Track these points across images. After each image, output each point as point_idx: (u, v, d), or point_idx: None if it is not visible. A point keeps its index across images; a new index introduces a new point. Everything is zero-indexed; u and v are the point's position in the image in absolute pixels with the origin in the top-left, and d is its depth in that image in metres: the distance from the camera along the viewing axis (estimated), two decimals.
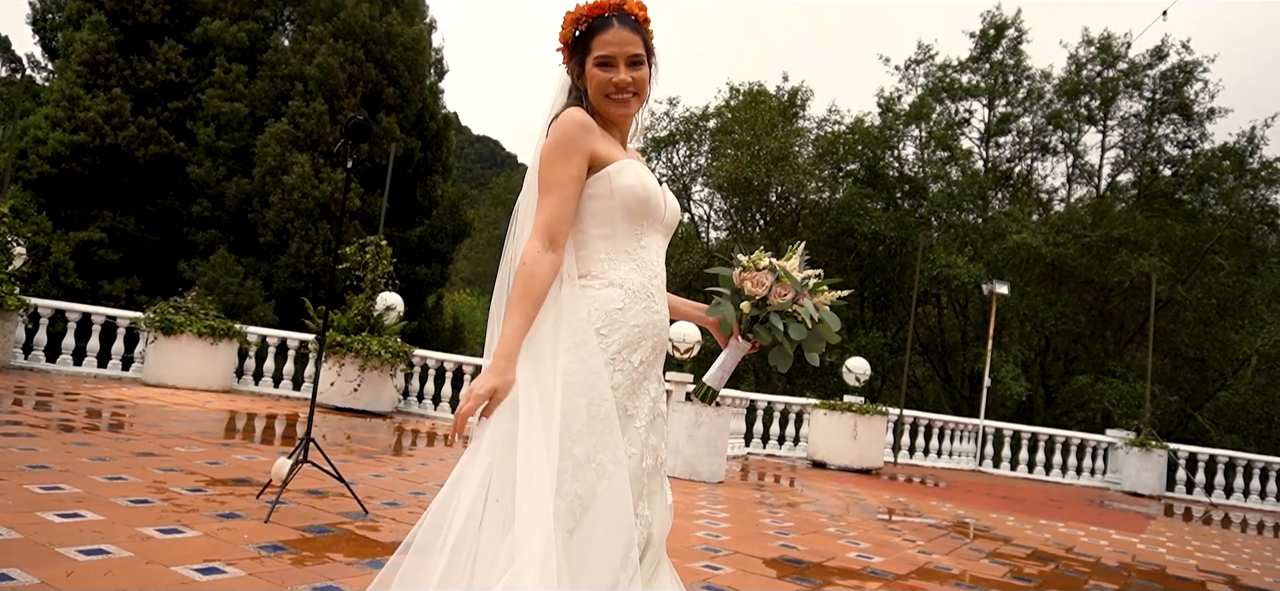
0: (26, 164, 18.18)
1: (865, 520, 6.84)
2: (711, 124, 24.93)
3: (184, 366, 10.71)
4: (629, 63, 1.88)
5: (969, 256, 20.22)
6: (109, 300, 17.55)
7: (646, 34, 1.95)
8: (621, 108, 1.91)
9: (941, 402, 22.82)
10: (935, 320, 24.04)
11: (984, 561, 5.49)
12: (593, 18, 1.91)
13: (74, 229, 18.18)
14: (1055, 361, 22.56)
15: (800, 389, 19.46)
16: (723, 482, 8.33)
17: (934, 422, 12.97)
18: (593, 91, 1.91)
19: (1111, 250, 20.14)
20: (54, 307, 11.27)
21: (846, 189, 23.75)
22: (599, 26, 1.89)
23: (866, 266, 23.17)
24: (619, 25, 1.88)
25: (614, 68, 1.88)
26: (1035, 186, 24.70)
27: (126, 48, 19.26)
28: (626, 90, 1.89)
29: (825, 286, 2.15)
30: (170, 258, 18.99)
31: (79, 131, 18.14)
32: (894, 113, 24.18)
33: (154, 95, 19.23)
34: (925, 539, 6.16)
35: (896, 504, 8.21)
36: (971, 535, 6.70)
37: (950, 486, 10.55)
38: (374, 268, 11.27)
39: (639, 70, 1.90)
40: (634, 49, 1.88)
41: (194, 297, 11.28)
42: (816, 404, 11.48)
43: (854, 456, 10.82)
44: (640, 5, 1.96)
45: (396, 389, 11.14)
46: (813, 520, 6.52)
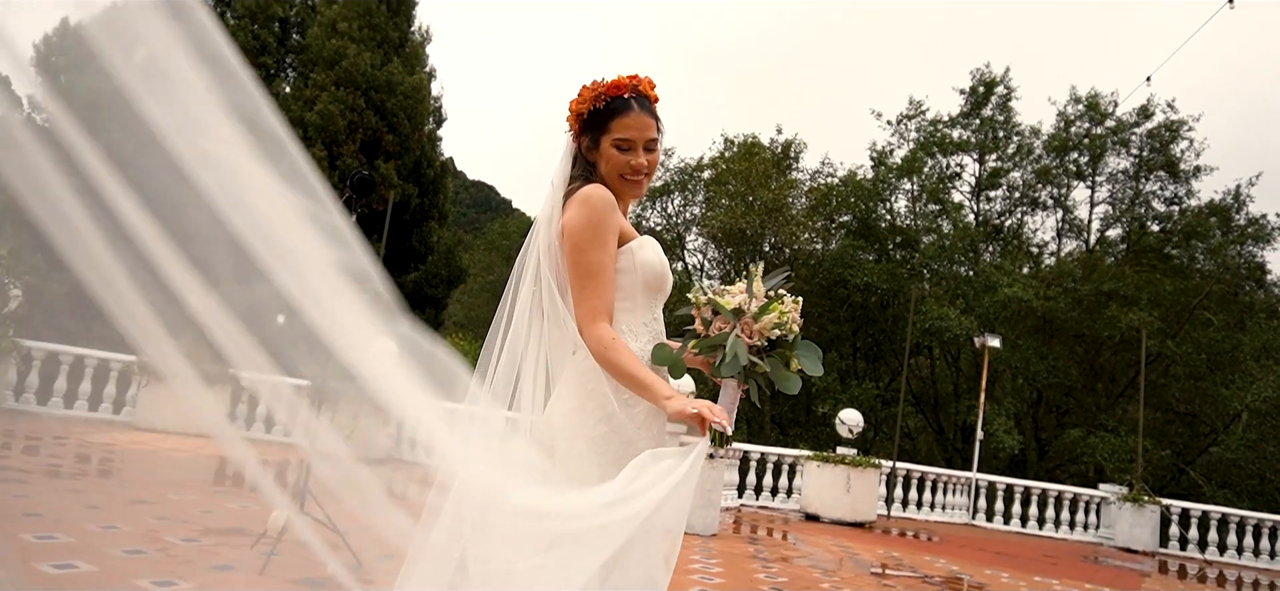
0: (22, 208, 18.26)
1: (858, 575, 6.84)
2: (706, 175, 25.20)
3: (175, 411, 10.67)
4: (646, 147, 1.97)
5: (961, 309, 20.36)
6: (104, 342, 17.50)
7: (657, 114, 2.04)
8: (636, 189, 2.00)
9: (934, 454, 22.80)
10: (928, 371, 24.11)
11: None
12: (612, 98, 1.97)
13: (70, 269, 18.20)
14: (1047, 414, 22.60)
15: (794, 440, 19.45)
16: (716, 535, 8.30)
17: (927, 476, 12.96)
18: (608, 171, 1.98)
19: (1102, 304, 20.31)
20: (47, 350, 11.26)
21: (840, 240, 23.97)
22: (619, 108, 1.96)
23: (859, 317, 23.29)
24: (638, 109, 1.96)
25: (633, 152, 1.96)
26: (1026, 240, 24.96)
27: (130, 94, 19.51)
28: (642, 173, 1.98)
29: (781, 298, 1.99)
30: None
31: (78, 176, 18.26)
32: (887, 166, 24.50)
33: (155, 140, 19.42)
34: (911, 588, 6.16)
35: (890, 558, 8.20)
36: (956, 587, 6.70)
37: (944, 540, 10.52)
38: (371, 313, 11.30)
39: (653, 153, 1.99)
40: (651, 133, 1.97)
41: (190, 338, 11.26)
42: (810, 456, 11.47)
43: (847, 509, 10.80)
44: (651, 85, 2.07)
45: (389, 437, 11.11)
46: (805, 575, 6.52)
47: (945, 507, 12.93)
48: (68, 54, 13.47)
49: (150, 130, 1.74)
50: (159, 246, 1.58)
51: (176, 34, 1.57)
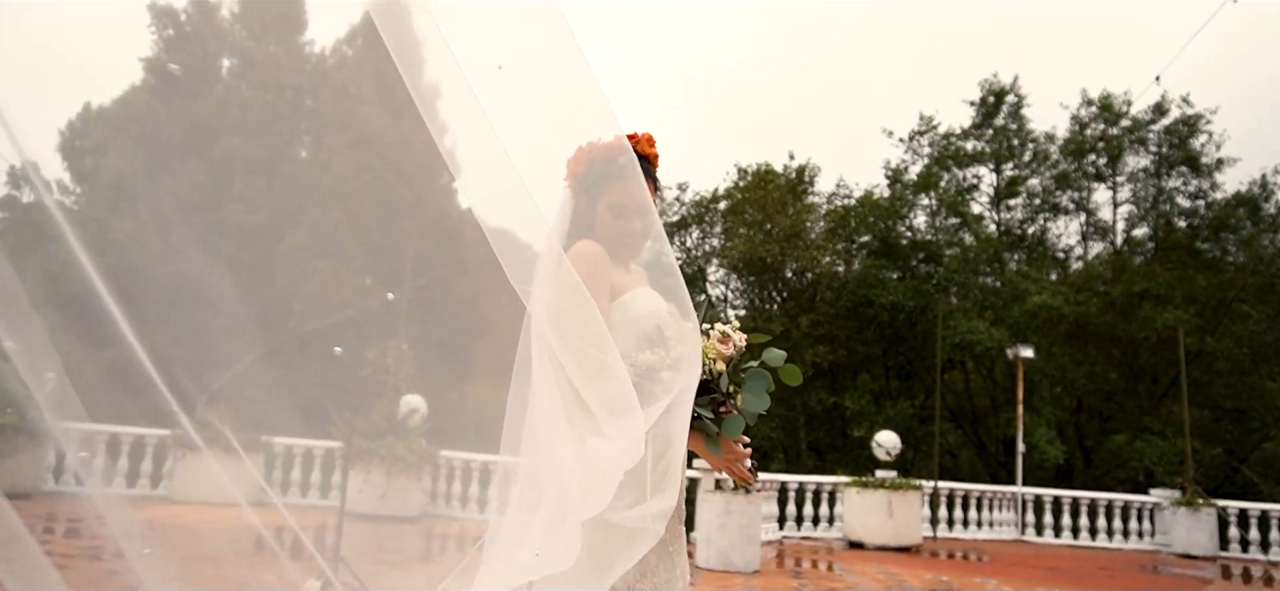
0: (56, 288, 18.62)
1: None
2: (722, 205, 25.20)
3: (209, 483, 10.69)
4: (641, 212, 1.93)
5: (990, 321, 20.05)
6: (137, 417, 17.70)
7: (655, 173, 2.01)
8: (633, 253, 1.99)
9: (977, 470, 22.33)
10: (963, 386, 23.69)
11: None
12: (607, 161, 1.94)
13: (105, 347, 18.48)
14: (1090, 421, 22.08)
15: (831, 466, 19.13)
16: (758, 571, 8.13)
17: (970, 493, 12.66)
18: (604, 237, 1.94)
19: (1134, 305, 19.91)
20: (83, 430, 11.35)
21: (862, 261, 23.79)
22: (613, 173, 1.92)
23: (888, 336, 23.00)
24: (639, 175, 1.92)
25: (628, 218, 1.94)
26: (1050, 246, 24.63)
27: (152, 169, 19.91)
28: (638, 238, 1.96)
29: (706, 334, 1.88)
30: None
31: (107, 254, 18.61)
32: (902, 183, 24.38)
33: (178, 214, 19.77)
34: None
35: (939, 583, 7.98)
36: None
37: (993, 560, 10.24)
38: (396, 371, 11.32)
39: (649, 216, 1.95)
40: (646, 198, 1.93)
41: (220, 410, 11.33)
42: (848, 482, 11.26)
43: (891, 534, 10.55)
44: (650, 142, 2.02)
45: (424, 493, 11.06)
46: None
47: (992, 524, 12.61)
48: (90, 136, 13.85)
49: (172, 204, 1.73)
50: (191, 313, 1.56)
51: None
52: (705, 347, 1.79)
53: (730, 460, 1.85)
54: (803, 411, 21.47)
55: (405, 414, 11.35)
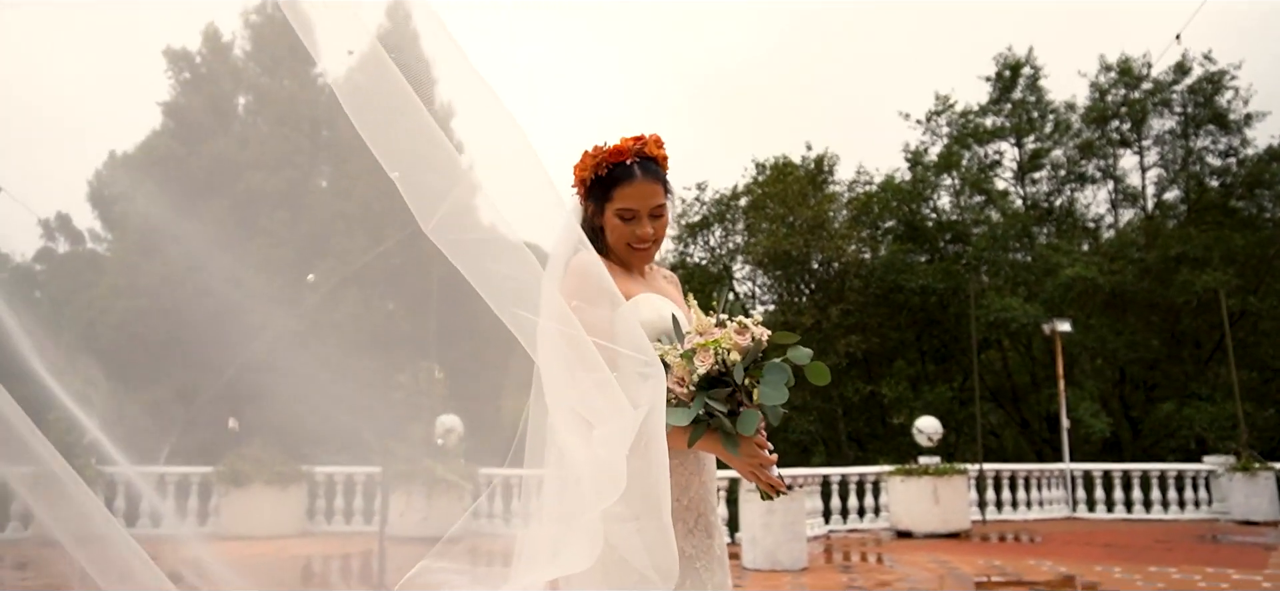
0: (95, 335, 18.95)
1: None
2: (742, 202, 25.05)
3: (257, 516, 10.79)
4: (652, 214, 1.89)
5: (1023, 297, 19.70)
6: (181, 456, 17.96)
7: (665, 174, 1.95)
8: (643, 258, 1.94)
9: (1022, 448, 21.96)
10: (1000, 365, 23.33)
11: None
12: (614, 165, 1.90)
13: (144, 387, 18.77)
14: (1134, 391, 21.61)
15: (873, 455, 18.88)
16: (806, 568, 8.02)
17: (1017, 473, 12.42)
18: (613, 241, 1.92)
19: (1171, 270, 19.48)
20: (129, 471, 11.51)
21: (888, 246, 23.53)
22: (621, 176, 1.88)
23: (920, 321, 22.70)
24: (642, 175, 1.88)
25: (637, 221, 1.89)
26: (1079, 216, 24.21)
27: (178, 211, 20.20)
28: (648, 241, 1.90)
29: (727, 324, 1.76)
30: None
31: (140, 297, 18.91)
32: (923, 165, 24.08)
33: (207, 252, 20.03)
34: None
35: (991, 568, 7.82)
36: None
37: (1046, 540, 10.03)
38: (429, 393, 11.36)
39: (660, 220, 1.91)
40: (656, 200, 1.89)
41: (259, 445, 11.44)
42: (892, 471, 11.09)
43: (939, 521, 10.37)
44: (658, 143, 1.96)
45: (466, 511, 11.05)
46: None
47: (1042, 504, 12.37)
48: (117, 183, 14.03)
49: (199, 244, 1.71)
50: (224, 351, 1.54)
51: None
52: (720, 338, 1.71)
53: (753, 464, 1.74)
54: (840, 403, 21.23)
55: (442, 434, 11.37)
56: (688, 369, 1.70)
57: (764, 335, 1.73)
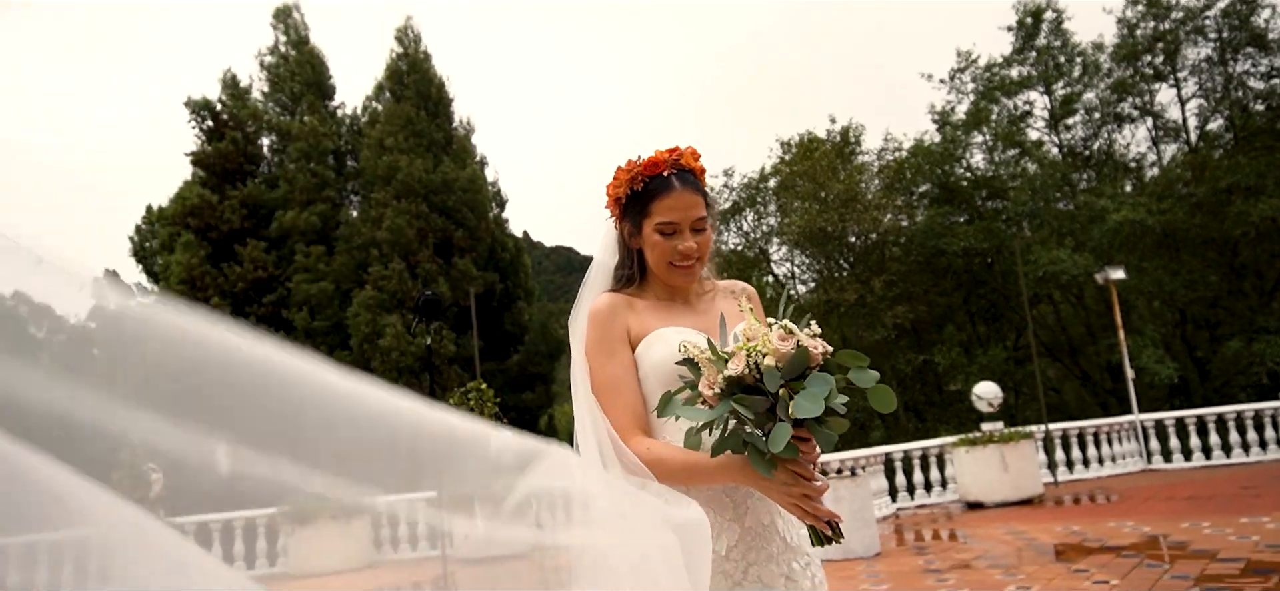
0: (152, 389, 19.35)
1: (1045, 566, 6.28)
2: (771, 184, 24.78)
3: (324, 552, 10.87)
4: (693, 228, 1.77)
5: (1071, 248, 19.18)
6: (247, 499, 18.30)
7: (705, 187, 1.84)
8: (686, 275, 1.80)
9: (1085, 402, 21.42)
10: (1053, 318, 22.77)
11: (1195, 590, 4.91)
12: (650, 178, 1.79)
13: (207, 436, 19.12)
14: (1197, 332, 20.92)
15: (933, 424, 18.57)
16: (879, 553, 7.84)
17: (1085, 430, 12.06)
18: (653, 260, 1.81)
19: (1223, 202, 18.81)
20: (197, 522, 11.71)
21: (924, 212, 23.09)
22: (658, 188, 1.77)
23: (966, 283, 22.25)
24: (680, 186, 1.77)
25: (679, 236, 1.77)
26: (1119, 158, 23.52)
27: (217, 258, 20.55)
28: (692, 258, 1.78)
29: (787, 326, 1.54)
30: None
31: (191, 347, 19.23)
32: (951, 125, 23.59)
33: (249, 295, 20.36)
34: (1119, 576, 5.58)
35: (1071, 535, 7.56)
36: (1169, 557, 6.06)
37: (1123, 497, 9.72)
38: (479, 412, 11.34)
39: (703, 234, 1.79)
40: (698, 211, 1.77)
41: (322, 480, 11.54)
42: (955, 442, 10.83)
43: (1010, 488, 10.10)
44: (695, 155, 1.84)
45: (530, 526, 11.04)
46: (987, 580, 6.01)
47: (1114, 459, 12.00)
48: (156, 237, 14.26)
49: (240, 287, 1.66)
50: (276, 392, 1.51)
51: None
52: (758, 340, 1.50)
53: (794, 494, 1.51)
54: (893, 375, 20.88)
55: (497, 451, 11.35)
56: (718, 371, 1.51)
57: (819, 349, 1.51)
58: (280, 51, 23.07)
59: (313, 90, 22.72)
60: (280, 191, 21.26)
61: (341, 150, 23.19)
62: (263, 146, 22.56)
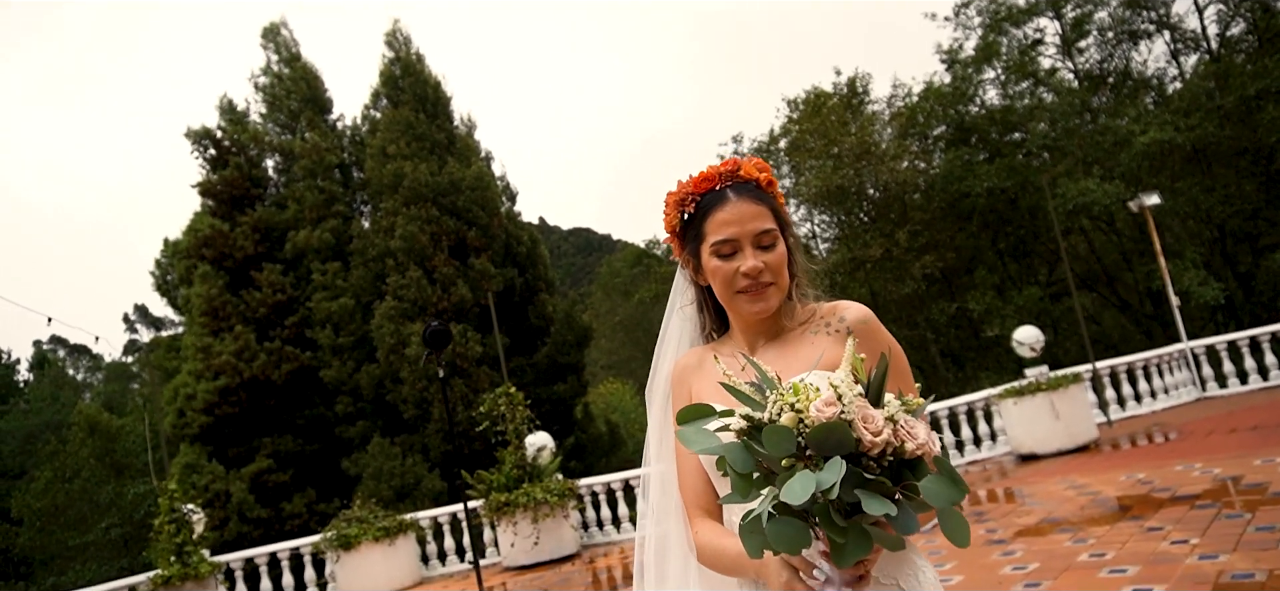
0: (186, 420, 19.41)
1: (1115, 525, 5.98)
2: (782, 145, 24.33)
3: (371, 574, 10.81)
4: (757, 243, 1.46)
5: (1099, 176, 18.63)
6: (292, 519, 18.37)
7: (777, 201, 1.53)
8: (757, 303, 1.47)
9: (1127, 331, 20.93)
10: (1086, 249, 22.23)
11: None
12: (701, 195, 1.52)
13: (244, 465, 19.20)
14: (1238, 247, 20.30)
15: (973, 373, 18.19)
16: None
17: (1135, 365, 11.69)
18: (718, 290, 1.51)
19: (1253, 110, 18.16)
20: (243, 558, 11.68)
21: (942, 155, 22.56)
22: (711, 204, 1.50)
23: (993, 223, 21.73)
24: (736, 197, 1.48)
25: (739, 254, 1.47)
26: (1138, 76, 22.82)
27: (235, 285, 20.48)
28: (758, 279, 1.45)
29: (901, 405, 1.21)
30: (333, 459, 19.78)
31: (220, 376, 19.25)
32: (961, 63, 23.00)
33: (270, 319, 20.29)
34: (1198, 532, 5.27)
35: (1136, 484, 7.25)
36: (1249, 505, 5.73)
37: (1183, 435, 9.38)
38: (512, 417, 11.17)
39: (773, 252, 1.47)
40: (761, 223, 1.46)
41: (360, 504, 11.46)
42: (1001, 393, 10.51)
43: (1064, 436, 9.79)
44: (762, 166, 1.54)
45: (574, 528, 10.90)
46: (1055, 547, 5.70)
47: (1167, 391, 11.63)
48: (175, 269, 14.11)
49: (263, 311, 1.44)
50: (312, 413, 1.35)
51: None
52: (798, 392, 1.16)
53: None
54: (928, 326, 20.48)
55: (534, 454, 11.20)
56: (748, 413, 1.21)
57: (880, 437, 1.12)
58: (273, 71, 22.84)
59: (310, 106, 22.50)
60: (290, 212, 21.13)
61: (346, 163, 23.00)
62: (267, 168, 22.41)
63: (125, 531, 25.80)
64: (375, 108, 22.07)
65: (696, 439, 1.26)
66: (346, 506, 11.58)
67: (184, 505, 11.00)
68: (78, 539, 25.80)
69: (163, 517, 10.83)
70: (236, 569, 11.50)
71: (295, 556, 11.82)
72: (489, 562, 11.29)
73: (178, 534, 10.73)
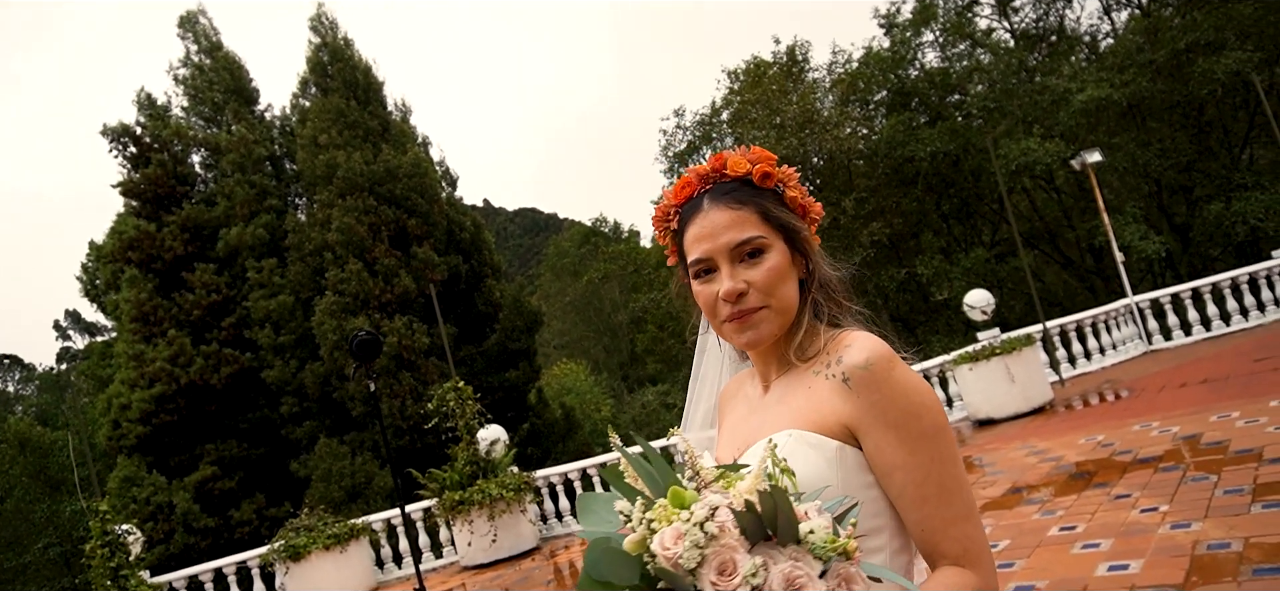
0: (122, 431, 18.53)
1: (1081, 493, 5.91)
2: (724, 117, 24.13)
3: (324, 583, 10.38)
4: (736, 257, 1.16)
5: (1040, 135, 18.84)
6: (242, 527, 17.72)
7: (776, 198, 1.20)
8: (744, 332, 1.17)
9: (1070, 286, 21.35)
10: (1028, 207, 22.59)
11: (1258, 509, 4.52)
12: (682, 206, 1.24)
13: (187, 474, 18.44)
14: (1173, 199, 20.82)
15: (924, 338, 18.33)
16: None
17: (1083, 322, 11.81)
18: (707, 318, 1.24)
19: (1184, 63, 18.52)
20: (186, 576, 11.15)
21: (885, 121, 22.64)
22: (687, 216, 1.22)
23: (937, 187, 21.91)
24: (711, 204, 1.18)
25: (714, 273, 1.18)
26: (1072, 33, 23.16)
27: (165, 288, 19.57)
28: (741, 304, 1.15)
29: None
30: (281, 462, 19.13)
31: (155, 384, 18.41)
32: (899, 27, 23.06)
33: (206, 321, 19.45)
34: (1163, 496, 5.21)
35: (1098, 448, 7.24)
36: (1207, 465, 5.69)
37: (1135, 392, 9.47)
38: (461, 412, 10.80)
39: (758, 265, 1.16)
40: (740, 232, 1.15)
41: (308, 512, 10.99)
42: (956, 359, 10.49)
43: (1020, 400, 9.81)
44: (759, 157, 1.21)
45: (532, 522, 10.61)
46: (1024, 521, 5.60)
47: (1115, 346, 11.78)
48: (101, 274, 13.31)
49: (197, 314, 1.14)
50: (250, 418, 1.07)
51: None
52: (677, 499, 0.91)
53: None
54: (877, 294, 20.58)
55: (487, 448, 10.86)
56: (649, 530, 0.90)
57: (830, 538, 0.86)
58: (193, 62, 21.76)
59: (235, 97, 21.51)
60: (220, 208, 20.22)
61: (277, 155, 22.10)
62: (193, 164, 21.38)
63: (65, 549, 24.80)
64: (304, 96, 21.20)
65: (590, 512, 0.99)
66: (298, 510, 11.10)
67: (119, 526, 10.41)
68: (15, 560, 24.72)
69: (94, 541, 10.23)
70: (180, 588, 10.97)
71: (242, 570, 11.33)
72: (446, 562, 10.96)
73: (112, 557, 10.14)
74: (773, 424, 1.18)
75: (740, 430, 1.27)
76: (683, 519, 0.86)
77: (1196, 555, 4.08)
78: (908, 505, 1.09)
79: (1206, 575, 3.80)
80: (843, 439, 1.10)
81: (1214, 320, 11.73)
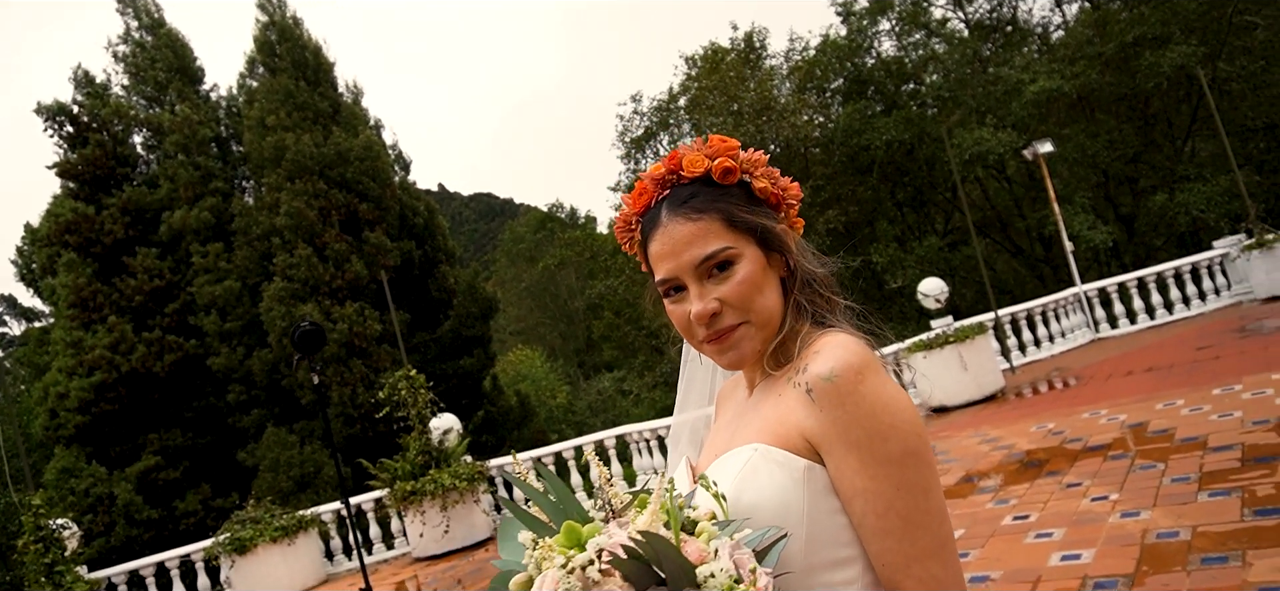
0: (60, 420, 17.84)
1: (1033, 482, 5.97)
2: (681, 103, 24.05)
3: (271, 576, 10.11)
4: (701, 273, 1.04)
5: (992, 125, 19.12)
6: (186, 518, 17.22)
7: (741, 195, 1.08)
8: (727, 353, 1.07)
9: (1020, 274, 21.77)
10: (980, 196, 22.96)
11: (1204, 497, 4.58)
12: (641, 215, 1.12)
13: (128, 464, 17.85)
14: (1119, 189, 21.32)
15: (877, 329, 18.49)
16: None
17: (1033, 311, 12.01)
18: (687, 340, 1.13)
19: (1131, 56, 18.93)
20: (127, 571, 10.78)
21: (840, 109, 22.78)
22: (647, 229, 1.09)
23: (891, 175, 22.13)
24: (670, 215, 1.06)
25: (684, 292, 1.06)
26: (1024, 24, 23.54)
27: (105, 273, 18.86)
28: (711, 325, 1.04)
29: None
30: (227, 451, 18.62)
31: (94, 372, 17.76)
32: (856, 15, 23.19)
33: (148, 307, 18.81)
34: (1113, 485, 5.28)
35: (1048, 436, 7.34)
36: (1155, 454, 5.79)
37: (1083, 380, 9.65)
38: (413, 401, 10.58)
39: (728, 279, 1.04)
40: (703, 246, 1.03)
41: (254, 503, 10.69)
42: (910, 346, 10.59)
43: (973, 387, 9.94)
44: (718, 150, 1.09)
45: (485, 512, 10.45)
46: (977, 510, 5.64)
47: (1064, 335, 12.02)
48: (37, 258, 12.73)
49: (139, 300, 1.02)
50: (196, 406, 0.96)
51: None
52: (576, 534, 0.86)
53: None
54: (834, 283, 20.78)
55: (440, 437, 10.66)
56: None
57: None
58: (134, 38, 20.93)
59: (179, 76, 20.75)
60: (163, 191, 19.51)
61: (223, 137, 21.39)
62: (135, 145, 20.59)
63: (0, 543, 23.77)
64: (251, 76, 20.55)
65: (509, 540, 0.91)
66: (245, 501, 10.78)
67: (53, 520, 10.01)
68: None
69: (27, 537, 9.83)
70: (119, 583, 10.61)
71: (186, 564, 10.98)
72: (398, 554, 10.76)
73: (47, 553, 9.75)
74: (743, 435, 1.07)
75: (718, 438, 1.16)
76: (559, 565, 0.76)
77: (1146, 544, 4.12)
78: (868, 536, 0.96)
79: (1156, 564, 3.82)
80: (810, 457, 0.98)
81: (1158, 309, 12.03)
